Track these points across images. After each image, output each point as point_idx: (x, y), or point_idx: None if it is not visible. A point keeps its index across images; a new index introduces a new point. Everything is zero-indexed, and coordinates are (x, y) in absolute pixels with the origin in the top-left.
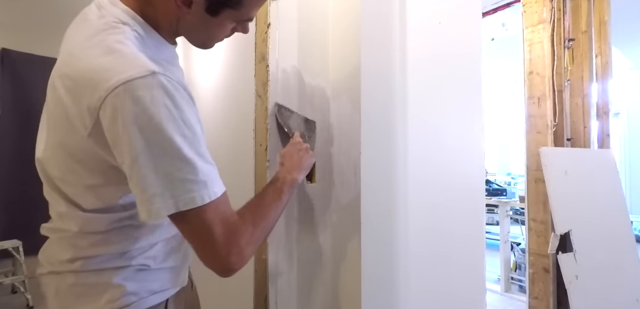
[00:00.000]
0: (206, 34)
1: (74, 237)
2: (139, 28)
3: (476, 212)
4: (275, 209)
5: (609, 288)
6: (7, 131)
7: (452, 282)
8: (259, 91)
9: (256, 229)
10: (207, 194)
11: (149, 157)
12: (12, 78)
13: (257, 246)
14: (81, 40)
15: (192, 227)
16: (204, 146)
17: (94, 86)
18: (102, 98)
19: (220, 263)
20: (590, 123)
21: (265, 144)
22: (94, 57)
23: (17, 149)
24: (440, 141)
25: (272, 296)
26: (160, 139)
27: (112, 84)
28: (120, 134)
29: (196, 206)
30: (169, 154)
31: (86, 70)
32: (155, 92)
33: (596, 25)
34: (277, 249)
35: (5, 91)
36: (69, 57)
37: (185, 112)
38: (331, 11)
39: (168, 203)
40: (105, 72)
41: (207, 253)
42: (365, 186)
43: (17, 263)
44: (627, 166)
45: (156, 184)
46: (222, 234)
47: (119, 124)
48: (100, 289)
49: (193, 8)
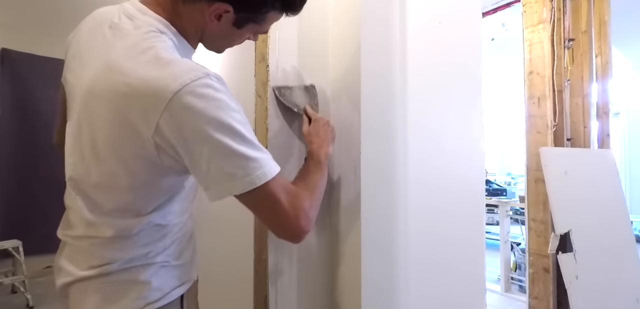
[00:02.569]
0: (226, 42)
1: (107, 242)
2: (173, 36)
3: (476, 211)
4: (321, 178)
5: (609, 288)
6: (7, 130)
7: (452, 283)
8: (259, 91)
9: (313, 195)
10: (269, 171)
11: (219, 145)
12: (12, 78)
13: (317, 211)
14: (124, 51)
15: (262, 202)
16: (250, 128)
17: (155, 93)
18: (166, 101)
19: (292, 227)
20: (590, 123)
21: (265, 144)
22: (147, 65)
23: (17, 149)
24: (441, 141)
25: (272, 296)
26: (227, 128)
27: (174, 88)
28: (188, 132)
29: (266, 181)
30: (236, 140)
31: (143, 79)
32: (212, 90)
33: (596, 25)
34: (277, 249)
35: (5, 91)
36: (114, 66)
37: (235, 104)
38: (331, 11)
39: (245, 181)
40: (165, 79)
41: (280, 221)
42: (365, 186)
43: (17, 263)
44: (627, 166)
45: (230, 166)
46: (288, 202)
47: (186, 123)
48: (129, 287)
49: (222, 21)
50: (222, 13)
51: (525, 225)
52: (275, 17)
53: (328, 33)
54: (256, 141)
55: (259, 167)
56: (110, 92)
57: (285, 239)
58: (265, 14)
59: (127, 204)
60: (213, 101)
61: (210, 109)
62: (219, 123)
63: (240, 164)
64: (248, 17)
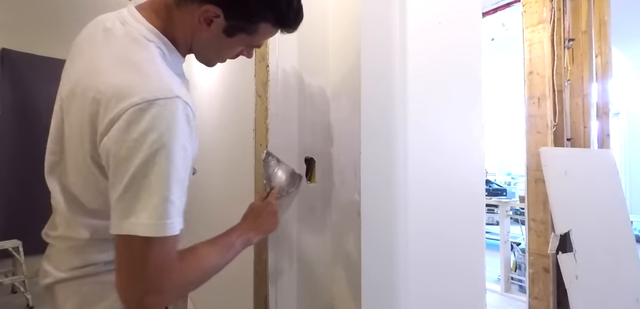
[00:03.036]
0: (216, 53)
1: (85, 244)
2: (162, 46)
3: (476, 211)
4: (219, 261)
5: (609, 288)
6: (7, 131)
7: (452, 283)
8: (259, 91)
9: (188, 278)
10: (173, 229)
11: (143, 173)
12: (12, 78)
13: (182, 294)
14: (108, 55)
15: (141, 252)
16: (186, 176)
17: (120, 98)
18: (124, 110)
19: (135, 299)
20: (590, 123)
21: (265, 144)
22: (123, 72)
23: (17, 149)
24: (441, 141)
25: (272, 296)
26: (162, 162)
27: (136, 100)
28: (127, 144)
29: (165, 236)
30: (160, 180)
31: (115, 85)
32: (173, 117)
33: (596, 25)
34: (277, 249)
35: (5, 91)
36: (95, 70)
37: (188, 145)
38: (331, 11)
39: (143, 223)
40: (133, 88)
41: (130, 282)
42: (365, 186)
43: (17, 263)
44: (627, 166)
45: (140, 201)
46: (154, 273)
47: (130, 134)
48: (109, 289)
49: (212, 27)
50: (212, 17)
51: (525, 225)
52: (268, 31)
53: (328, 33)
54: (179, 193)
55: (172, 217)
56: (86, 94)
57: (122, 297)
58: (257, 25)
59: (100, 205)
60: (167, 130)
61: (158, 135)
62: (159, 154)
63: (151, 205)
64: (239, 25)
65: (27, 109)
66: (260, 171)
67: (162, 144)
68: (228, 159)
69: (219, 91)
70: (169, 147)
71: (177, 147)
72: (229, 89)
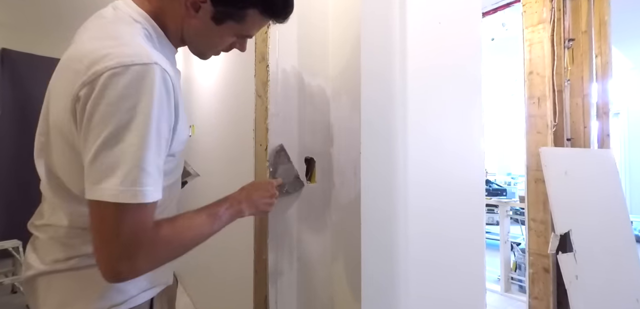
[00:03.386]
0: (207, 41)
1: (66, 234)
2: (149, 28)
3: (476, 211)
4: (200, 233)
5: (609, 288)
6: (7, 131)
7: (452, 283)
8: (259, 90)
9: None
10: (150, 195)
11: (116, 139)
12: (12, 78)
13: (157, 265)
14: (92, 32)
15: (114, 220)
16: (164, 150)
17: (96, 62)
18: (99, 73)
19: (108, 266)
20: (590, 123)
21: (265, 144)
22: (101, 41)
23: (17, 149)
24: (440, 141)
25: (272, 296)
26: (137, 129)
27: (112, 64)
28: (101, 109)
29: (141, 202)
30: (134, 147)
31: (91, 52)
32: (151, 83)
33: (596, 25)
34: (277, 249)
35: (5, 91)
36: (78, 45)
37: (167, 113)
38: (331, 11)
39: (112, 189)
40: (110, 54)
41: (102, 249)
42: (365, 186)
43: (17, 263)
44: (627, 166)
45: (112, 167)
46: (127, 241)
47: (104, 99)
48: (92, 284)
49: (200, 13)
50: (199, 3)
51: (525, 225)
52: (257, 19)
53: (328, 33)
54: (158, 160)
55: (146, 185)
56: (67, 66)
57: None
58: (244, 11)
59: (79, 183)
60: (142, 94)
61: (133, 100)
62: (132, 118)
63: (123, 171)
64: (226, 12)
65: (27, 109)
66: (260, 170)
67: (138, 111)
68: (228, 159)
69: (219, 91)
70: (144, 113)
71: (153, 113)
72: (229, 89)
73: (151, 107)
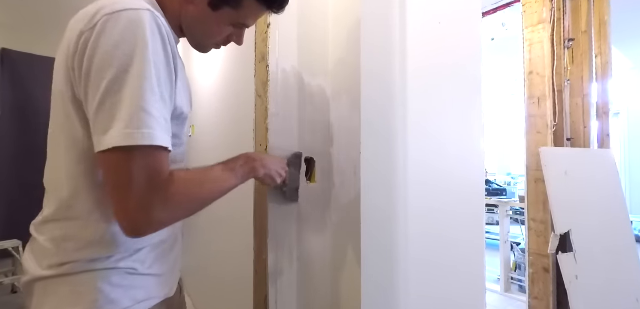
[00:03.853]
0: (204, 30)
1: (62, 239)
2: (153, 8)
3: (476, 211)
4: (216, 184)
5: (609, 288)
6: (7, 131)
7: (452, 283)
8: (259, 90)
9: (181, 197)
10: (158, 137)
11: (117, 85)
12: (12, 78)
13: (176, 217)
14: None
15: (125, 165)
16: (168, 101)
17: (91, 15)
18: (94, 23)
19: (126, 219)
20: (590, 123)
21: (265, 144)
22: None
23: (17, 149)
24: (440, 141)
25: (272, 296)
26: (135, 73)
27: (106, 11)
28: (98, 56)
29: (148, 144)
30: (134, 90)
31: (88, 10)
32: (144, 27)
33: (596, 25)
34: (277, 249)
35: (5, 91)
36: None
37: (162, 58)
38: (331, 11)
39: (119, 133)
40: (104, 6)
41: (119, 202)
42: (365, 186)
43: (17, 263)
44: (627, 166)
45: (117, 113)
46: (141, 188)
47: (100, 47)
48: (84, 292)
49: (196, 0)
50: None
51: (525, 225)
52: (253, 7)
53: (328, 33)
54: (162, 105)
55: (152, 128)
56: (66, 40)
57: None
58: None
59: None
60: (141, 34)
61: (133, 41)
62: (132, 61)
63: (131, 112)
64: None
65: (27, 109)
66: None
67: (134, 54)
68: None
69: (219, 91)
70: (141, 56)
71: (150, 56)
72: (229, 89)
73: (147, 50)
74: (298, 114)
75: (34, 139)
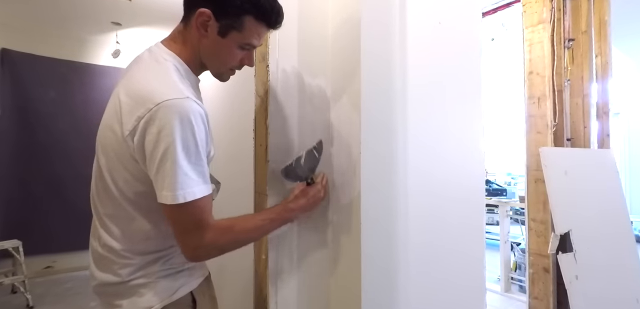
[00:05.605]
0: (219, 57)
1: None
2: (177, 64)
3: (476, 211)
4: (260, 231)
5: (609, 288)
6: (7, 130)
7: (452, 283)
8: (259, 91)
9: (223, 238)
10: (198, 192)
11: (165, 158)
12: (12, 78)
13: (223, 249)
14: (135, 72)
15: (181, 217)
16: (204, 159)
17: (144, 101)
18: (148, 109)
19: (187, 251)
20: (590, 123)
21: (265, 144)
22: (146, 82)
23: (17, 149)
24: (441, 140)
25: (272, 296)
26: (176, 150)
27: (157, 100)
28: (154, 135)
29: (190, 200)
30: (175, 163)
31: (140, 91)
32: (187, 111)
33: (596, 25)
34: (277, 249)
35: (5, 91)
36: (126, 84)
37: (199, 133)
38: (331, 11)
39: (175, 194)
40: (154, 93)
41: (180, 238)
42: (365, 186)
43: (17, 263)
44: (627, 166)
45: (164, 180)
46: (192, 230)
47: (155, 127)
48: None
49: (209, 31)
50: (206, 21)
51: (525, 225)
52: (254, 26)
53: (328, 33)
54: (202, 168)
55: (188, 187)
56: (114, 97)
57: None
58: (242, 19)
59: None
60: (183, 120)
61: (178, 125)
62: (178, 140)
63: (175, 181)
64: (228, 23)
65: (27, 109)
66: (260, 171)
67: (175, 136)
68: (228, 159)
69: (219, 91)
70: (181, 136)
71: (187, 136)
72: (229, 89)
73: (185, 131)
74: (298, 114)
75: (34, 140)
